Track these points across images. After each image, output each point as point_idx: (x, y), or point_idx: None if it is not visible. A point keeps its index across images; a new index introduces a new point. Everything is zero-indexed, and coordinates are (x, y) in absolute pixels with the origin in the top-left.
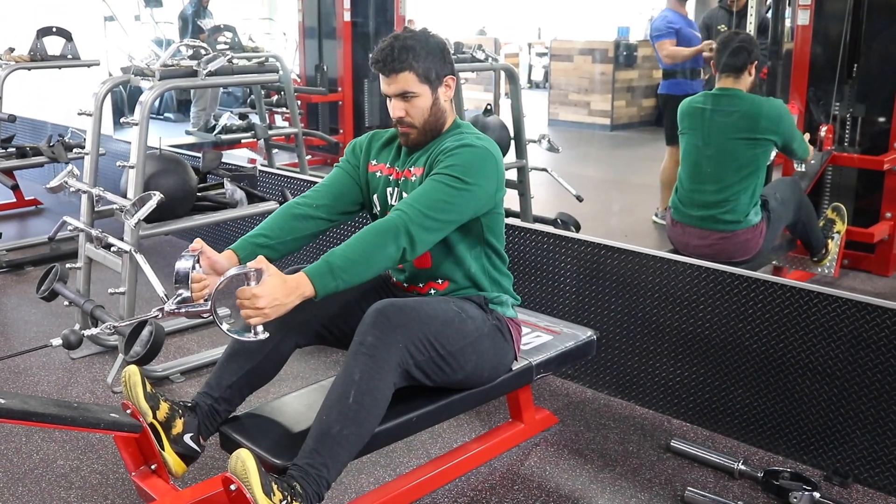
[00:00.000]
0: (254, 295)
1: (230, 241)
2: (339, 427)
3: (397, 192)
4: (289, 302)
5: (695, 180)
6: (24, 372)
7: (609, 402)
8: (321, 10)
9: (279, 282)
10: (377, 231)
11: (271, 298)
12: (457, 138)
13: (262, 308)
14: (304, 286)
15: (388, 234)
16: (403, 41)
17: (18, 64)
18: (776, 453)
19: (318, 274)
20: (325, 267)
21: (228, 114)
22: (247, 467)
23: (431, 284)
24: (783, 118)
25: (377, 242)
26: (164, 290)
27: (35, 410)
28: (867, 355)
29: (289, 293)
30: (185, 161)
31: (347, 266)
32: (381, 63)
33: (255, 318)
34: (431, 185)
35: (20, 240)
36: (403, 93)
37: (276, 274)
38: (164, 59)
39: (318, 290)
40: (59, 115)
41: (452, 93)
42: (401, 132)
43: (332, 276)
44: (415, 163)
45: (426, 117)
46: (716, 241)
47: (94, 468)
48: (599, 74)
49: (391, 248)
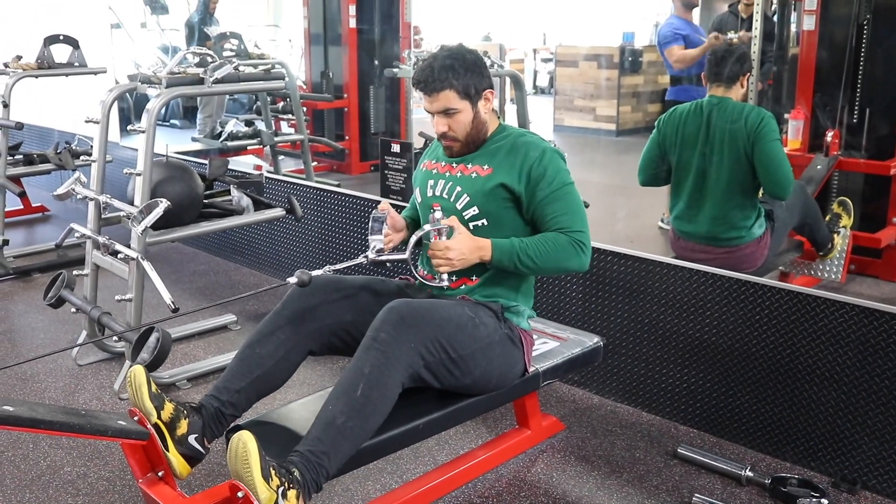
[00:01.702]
0: (447, 247)
1: (237, 247)
2: (344, 418)
3: (443, 184)
4: (472, 258)
5: (691, 197)
6: (31, 378)
7: (616, 409)
8: (327, 17)
9: (468, 238)
10: (563, 242)
11: (459, 251)
12: (524, 142)
13: (452, 259)
14: (486, 250)
15: (571, 249)
16: (443, 60)
17: (26, 72)
18: (784, 460)
19: (502, 247)
20: (510, 245)
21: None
22: (248, 450)
23: (464, 280)
24: (764, 123)
25: (565, 251)
26: (170, 297)
27: (43, 418)
28: (875, 361)
29: (473, 250)
30: (191, 168)
31: (530, 255)
32: (423, 84)
33: (444, 266)
34: (569, 199)
35: (27, 246)
36: (445, 110)
37: (465, 232)
38: (170, 67)
39: (495, 258)
40: (66, 123)
41: (492, 105)
42: (444, 145)
43: (511, 254)
44: (473, 161)
45: (468, 130)
46: (719, 255)
47: (102, 475)
48: (605, 80)
49: (575, 262)
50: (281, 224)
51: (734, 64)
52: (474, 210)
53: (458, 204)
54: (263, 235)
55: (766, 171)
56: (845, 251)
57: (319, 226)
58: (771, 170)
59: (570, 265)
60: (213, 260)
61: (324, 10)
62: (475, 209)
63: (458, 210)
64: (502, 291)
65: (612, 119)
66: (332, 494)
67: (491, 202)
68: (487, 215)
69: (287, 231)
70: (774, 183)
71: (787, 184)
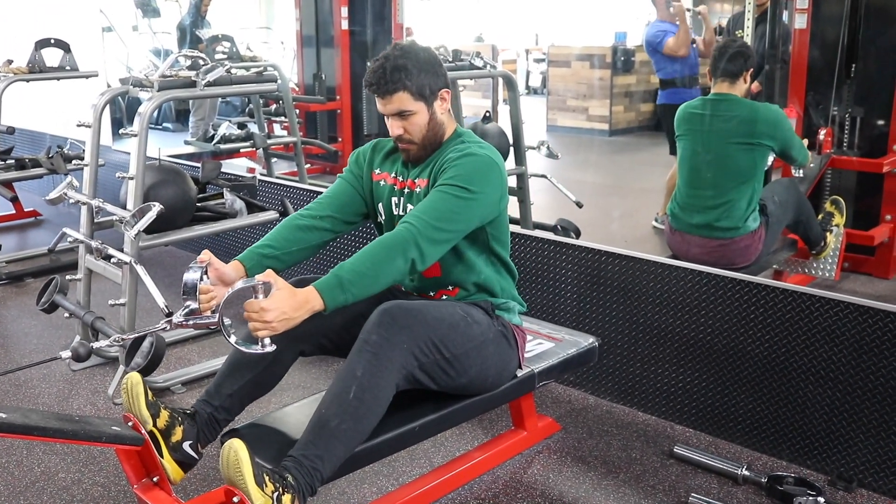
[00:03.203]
0: (262, 308)
1: (230, 251)
2: (337, 421)
3: (402, 202)
4: (298, 316)
5: (692, 185)
6: (24, 384)
7: (611, 409)
8: (319, 19)
9: (288, 295)
10: (386, 244)
11: (280, 312)
12: (459, 148)
13: (270, 321)
14: (314, 300)
15: (397, 247)
16: (395, 61)
17: (17, 76)
18: (780, 458)
19: (328, 287)
20: (334, 280)
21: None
22: (239, 458)
23: (442, 292)
24: (780, 123)
25: (386, 256)
26: (164, 302)
27: (37, 424)
28: (870, 359)
29: (298, 307)
30: (184, 171)
31: (357, 279)
32: (375, 86)
33: (262, 331)
34: (437, 197)
35: (20, 251)
36: (400, 112)
37: (285, 287)
38: (162, 70)
39: (328, 303)
40: (58, 127)
41: (448, 105)
42: (401, 148)
43: (341, 289)
44: (419, 174)
45: (424, 132)
46: (714, 247)
47: (96, 481)
48: (597, 80)
49: (400, 262)
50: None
51: (738, 59)
52: None
53: None
54: (257, 238)
55: (792, 153)
56: (838, 250)
57: None
58: (795, 151)
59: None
60: None
61: (316, 12)
62: None
63: None
64: (486, 293)
65: (604, 119)
66: (329, 498)
67: None
68: None
69: None
70: (802, 156)
71: (807, 152)
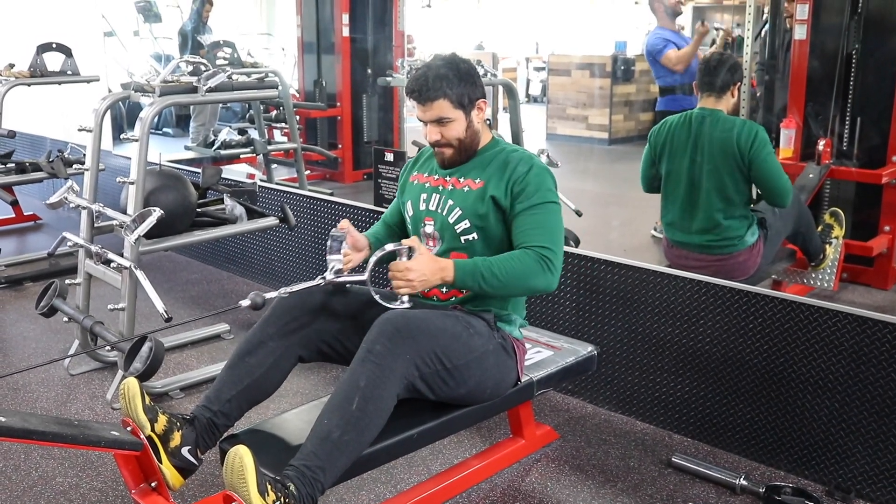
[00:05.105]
0: (407, 268)
1: (230, 256)
2: (339, 432)
3: (437, 198)
4: (433, 280)
5: (682, 208)
6: (23, 388)
7: (610, 418)
8: (320, 26)
9: (429, 260)
10: (527, 264)
11: (420, 273)
12: (516, 157)
13: (412, 280)
14: (448, 271)
15: (538, 266)
16: (437, 70)
17: (18, 80)
18: (778, 468)
19: (464, 268)
20: (472, 266)
21: (227, 129)
22: (244, 464)
23: (453, 292)
24: (758, 139)
25: (529, 270)
26: (163, 306)
27: (36, 429)
28: (868, 369)
29: (435, 272)
30: (184, 177)
31: (494, 273)
32: (417, 93)
33: (404, 287)
34: (545, 215)
35: (19, 255)
36: (439, 119)
37: (427, 253)
38: (164, 76)
39: (458, 280)
40: (59, 131)
41: (485, 114)
42: (436, 152)
43: (474, 276)
44: (465, 175)
45: (462, 139)
46: (712, 262)
47: (94, 485)
48: (597, 89)
49: (541, 280)
50: (274, 233)
51: (726, 73)
52: (466, 224)
53: (449, 218)
54: (257, 244)
55: (767, 184)
56: (837, 260)
57: (313, 234)
58: (770, 182)
59: (535, 283)
60: (206, 269)
61: (317, 19)
62: (466, 223)
63: (449, 224)
64: (493, 301)
65: (604, 128)
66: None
67: (482, 216)
68: (478, 229)
69: (280, 240)
70: (775, 194)
71: (787, 192)
